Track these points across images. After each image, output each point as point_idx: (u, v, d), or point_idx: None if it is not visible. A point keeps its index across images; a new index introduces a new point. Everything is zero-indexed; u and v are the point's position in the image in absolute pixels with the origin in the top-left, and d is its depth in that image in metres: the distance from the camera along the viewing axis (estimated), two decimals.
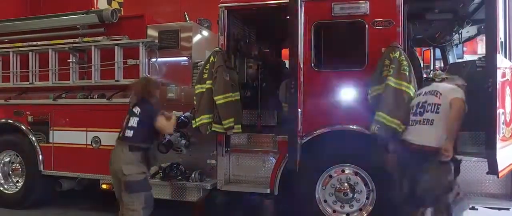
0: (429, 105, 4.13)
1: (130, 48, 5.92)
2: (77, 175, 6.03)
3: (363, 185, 4.83)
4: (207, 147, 5.59)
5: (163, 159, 5.57)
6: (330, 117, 4.83)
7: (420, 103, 4.23)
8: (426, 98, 4.21)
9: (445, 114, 4.00)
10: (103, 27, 6.05)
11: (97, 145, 5.86)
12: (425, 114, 4.14)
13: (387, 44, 4.64)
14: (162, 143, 5.45)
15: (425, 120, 4.13)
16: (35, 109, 6.25)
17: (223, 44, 5.26)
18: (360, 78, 4.75)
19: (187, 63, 5.75)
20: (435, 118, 4.06)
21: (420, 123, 4.15)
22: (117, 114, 5.66)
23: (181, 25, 5.82)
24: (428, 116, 4.11)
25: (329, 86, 4.86)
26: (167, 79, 5.81)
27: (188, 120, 5.50)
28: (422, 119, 4.15)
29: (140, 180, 4.53)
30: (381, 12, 4.75)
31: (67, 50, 6.07)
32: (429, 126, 4.07)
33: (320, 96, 4.87)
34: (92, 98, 5.94)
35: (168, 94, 5.80)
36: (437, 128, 4.02)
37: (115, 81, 5.86)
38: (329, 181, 4.93)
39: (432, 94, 4.18)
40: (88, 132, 5.92)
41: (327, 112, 4.84)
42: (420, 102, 4.24)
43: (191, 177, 5.43)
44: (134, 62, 5.75)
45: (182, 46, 5.75)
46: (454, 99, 3.97)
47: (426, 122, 4.11)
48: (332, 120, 4.82)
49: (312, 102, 4.83)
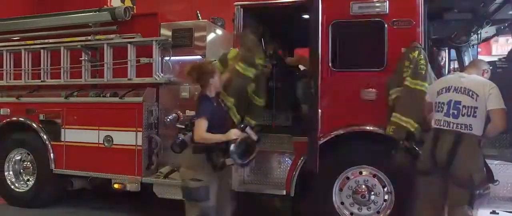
0: (465, 108, 3.78)
1: (143, 47, 5.86)
2: (89, 174, 5.97)
3: (381, 187, 4.76)
4: None
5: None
6: (347, 118, 4.75)
7: (452, 102, 3.87)
8: (460, 98, 3.84)
9: (481, 118, 3.74)
10: (115, 25, 6.00)
11: (109, 144, 5.79)
12: (461, 118, 3.79)
13: (407, 44, 4.56)
14: (175, 143, 5.36)
15: (462, 125, 3.78)
16: (47, 107, 6.19)
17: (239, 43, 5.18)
18: (378, 79, 4.67)
19: None
20: (472, 123, 3.75)
21: (456, 127, 3.80)
22: (130, 113, 5.68)
23: (195, 24, 5.75)
24: (464, 121, 3.77)
25: (347, 86, 4.78)
26: (180, 78, 5.75)
27: None
28: (457, 123, 3.80)
29: (194, 188, 3.99)
30: (401, 11, 4.66)
31: (79, 48, 6.01)
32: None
33: (338, 96, 4.80)
34: (104, 97, 5.87)
35: (182, 93, 5.73)
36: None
37: (127, 79, 5.80)
38: (346, 183, 4.85)
39: (466, 94, 3.82)
40: (100, 130, 5.85)
41: (345, 113, 4.77)
42: (453, 101, 3.87)
43: None
44: (147, 61, 5.68)
45: (196, 45, 5.68)
46: (496, 111, 3.69)
47: (464, 127, 3.77)
48: (349, 121, 4.75)
49: (329, 103, 4.74)
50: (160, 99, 5.87)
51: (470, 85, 3.84)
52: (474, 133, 3.75)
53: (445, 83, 4.04)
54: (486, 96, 3.74)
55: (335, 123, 4.75)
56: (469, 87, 3.83)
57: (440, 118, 3.93)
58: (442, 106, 3.94)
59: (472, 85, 3.84)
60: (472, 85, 3.84)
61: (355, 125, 4.73)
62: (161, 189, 5.54)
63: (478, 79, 3.93)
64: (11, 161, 6.52)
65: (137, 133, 5.64)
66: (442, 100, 3.95)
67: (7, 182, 6.46)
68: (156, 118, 5.79)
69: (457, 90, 3.90)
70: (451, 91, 3.93)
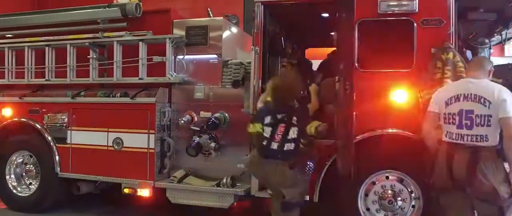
0: (478, 117, 3.48)
1: (154, 45, 5.60)
2: (97, 178, 5.69)
3: (408, 192, 4.59)
4: (238, 151, 5.31)
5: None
6: (374, 121, 4.57)
7: (463, 112, 3.56)
8: (471, 106, 3.54)
9: (495, 126, 3.46)
10: (125, 21, 5.72)
11: (119, 147, 5.52)
12: (475, 128, 3.49)
13: (436, 45, 4.41)
14: (191, 146, 5.19)
15: (477, 136, 3.50)
16: (52, 108, 5.89)
17: (259, 42, 4.97)
18: (407, 80, 4.50)
19: (217, 61, 5.44)
20: (487, 133, 3.47)
21: (472, 140, 3.51)
22: (142, 114, 5.43)
23: (210, 21, 5.52)
24: (479, 131, 3.48)
25: (374, 87, 4.60)
26: (195, 78, 5.51)
27: (219, 122, 5.22)
28: (472, 135, 3.51)
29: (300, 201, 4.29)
30: (431, 10, 4.49)
31: (87, 46, 5.72)
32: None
33: (364, 98, 4.59)
34: (114, 97, 5.60)
35: (196, 94, 5.51)
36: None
37: (138, 79, 5.53)
38: (372, 188, 4.68)
39: (478, 101, 3.52)
40: (109, 132, 5.57)
41: (371, 115, 4.58)
42: (464, 110, 3.56)
43: (222, 182, 5.14)
44: (160, 59, 5.42)
45: (211, 44, 5.45)
46: (508, 120, 3.40)
47: (479, 139, 3.48)
48: (376, 124, 4.57)
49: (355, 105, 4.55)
50: (172, 100, 5.63)
51: (481, 91, 3.53)
52: (491, 143, 3.47)
53: (453, 91, 3.71)
54: (498, 102, 3.44)
55: (361, 125, 4.56)
56: (480, 94, 3.52)
57: (452, 131, 3.61)
58: (453, 117, 3.61)
59: (483, 91, 3.53)
60: (483, 91, 3.53)
61: (381, 128, 4.56)
62: (175, 194, 5.29)
63: (489, 84, 3.62)
64: (12, 164, 6.19)
65: (149, 135, 5.38)
66: (452, 111, 3.63)
67: (9, 186, 6.14)
68: (169, 120, 5.54)
69: (467, 98, 3.58)
70: (461, 100, 3.61)
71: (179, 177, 5.34)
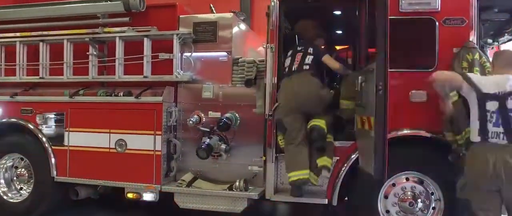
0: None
1: (159, 41, 5.33)
2: (98, 183, 5.34)
3: (429, 194, 4.51)
4: (249, 152, 5.12)
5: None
6: (395, 121, 4.45)
7: (504, 110, 3.45)
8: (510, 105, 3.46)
9: None
10: (128, 16, 5.41)
11: (123, 149, 5.21)
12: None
13: (459, 44, 4.36)
14: (201, 148, 4.94)
15: None
16: (47, 107, 5.50)
17: (275, 39, 4.78)
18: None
19: (226, 59, 5.23)
20: None
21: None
22: (147, 114, 5.16)
23: (219, 17, 5.27)
24: None
25: (395, 87, 4.48)
26: (203, 76, 5.28)
27: (230, 122, 5.00)
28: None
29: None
30: (453, 9, 4.43)
31: (86, 42, 5.38)
32: None
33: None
34: (117, 96, 5.28)
35: (204, 93, 5.27)
36: None
37: (143, 77, 5.23)
38: (391, 190, 4.58)
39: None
40: (112, 134, 5.25)
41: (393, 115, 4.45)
42: (504, 109, 3.45)
43: (234, 185, 4.92)
44: (167, 56, 5.15)
45: (220, 40, 5.22)
46: None
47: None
48: (397, 124, 4.45)
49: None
50: (179, 99, 5.37)
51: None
52: None
53: (495, 87, 3.56)
54: None
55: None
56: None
57: (489, 128, 3.50)
58: (491, 115, 3.50)
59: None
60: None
61: (402, 129, 4.47)
62: (184, 198, 5.03)
63: None
64: (2, 168, 5.76)
65: (155, 137, 5.10)
66: (491, 108, 3.50)
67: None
68: (175, 120, 5.28)
69: (506, 96, 3.48)
70: (500, 97, 3.49)
71: (187, 181, 5.09)
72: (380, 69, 3.68)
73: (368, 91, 4.05)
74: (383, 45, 3.68)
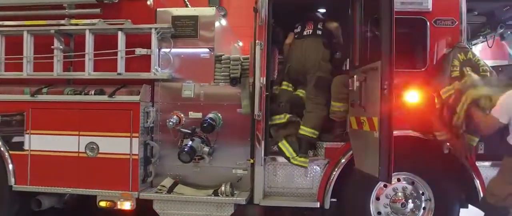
0: None
1: (134, 36, 4.91)
2: (65, 191, 4.82)
3: (420, 194, 4.50)
4: (233, 155, 4.85)
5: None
6: None
7: None
8: None
9: None
10: (99, 7, 4.94)
11: (94, 153, 4.73)
12: None
13: (448, 44, 4.41)
14: (184, 151, 4.58)
15: None
16: (4, 107, 4.88)
17: (264, 36, 4.55)
18: (420, 80, 4.41)
19: (208, 56, 4.92)
20: None
21: None
22: (123, 114, 4.75)
23: (200, 11, 4.94)
24: None
25: None
26: (183, 74, 4.93)
27: (215, 123, 4.70)
28: None
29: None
30: (444, 9, 4.47)
31: (52, 34, 4.84)
32: None
33: None
34: (87, 95, 4.79)
35: (184, 92, 4.92)
36: None
37: (117, 74, 4.79)
38: (383, 191, 4.52)
39: None
40: (81, 136, 4.76)
41: None
42: None
43: (220, 190, 4.63)
44: (144, 52, 4.74)
45: (202, 36, 4.89)
46: None
47: None
48: None
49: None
50: (155, 99, 4.98)
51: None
52: None
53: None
54: None
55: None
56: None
57: None
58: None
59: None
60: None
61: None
62: (164, 205, 4.65)
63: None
64: None
65: (132, 139, 4.69)
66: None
67: None
68: (153, 121, 4.88)
69: None
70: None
71: (168, 187, 4.72)
72: (385, 68, 3.57)
73: (369, 91, 3.93)
74: (389, 44, 3.57)
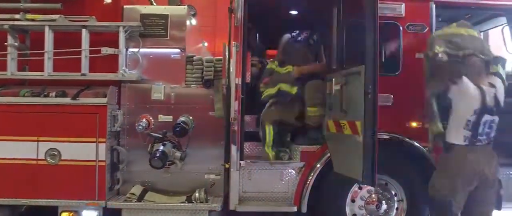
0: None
1: (99, 34, 4.60)
2: (21, 202, 4.40)
3: (393, 195, 4.60)
4: (205, 160, 4.69)
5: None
6: None
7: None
8: None
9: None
10: (59, 2, 4.56)
11: (56, 160, 4.36)
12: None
13: (419, 50, 4.50)
14: (156, 156, 4.35)
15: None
16: None
17: (240, 37, 4.42)
18: (393, 84, 4.49)
19: (179, 57, 4.72)
20: None
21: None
22: (87, 118, 4.44)
23: (171, 10, 4.72)
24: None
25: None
26: (152, 76, 4.69)
27: (188, 127, 4.51)
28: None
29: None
30: (416, 15, 4.59)
31: (5, 29, 4.40)
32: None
33: None
34: (47, 97, 4.40)
35: (154, 94, 4.70)
36: None
37: (80, 75, 4.45)
38: (358, 193, 4.56)
39: None
40: (41, 142, 4.37)
41: None
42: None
43: (193, 196, 4.45)
44: (112, 51, 4.45)
45: (172, 35, 4.68)
46: None
47: None
48: None
49: None
50: (122, 101, 4.69)
51: None
52: None
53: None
54: None
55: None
56: None
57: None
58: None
59: None
60: None
61: None
62: (135, 214, 4.39)
63: None
64: None
65: (98, 145, 4.37)
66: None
67: None
68: (120, 125, 4.59)
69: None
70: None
71: (138, 194, 4.46)
72: (370, 72, 3.58)
73: (351, 95, 3.93)
74: (373, 48, 3.59)
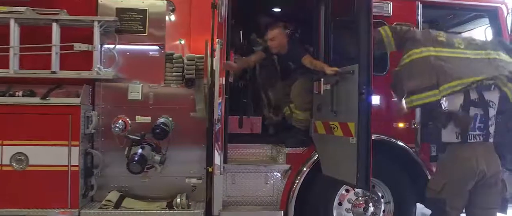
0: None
1: (71, 29, 4.27)
2: None
3: (380, 197, 4.51)
4: (185, 163, 4.46)
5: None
6: None
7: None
8: None
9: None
10: None
11: (23, 166, 4.00)
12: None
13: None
14: (134, 161, 4.07)
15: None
16: None
17: (223, 34, 4.20)
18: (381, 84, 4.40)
19: (158, 54, 4.46)
20: None
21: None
22: (58, 120, 4.10)
23: (150, 4, 4.46)
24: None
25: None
26: (129, 74, 4.41)
27: (168, 129, 4.25)
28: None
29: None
30: (402, 15, 4.53)
31: None
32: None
33: None
34: (13, 96, 4.04)
35: (131, 94, 4.42)
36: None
37: (50, 72, 4.11)
38: (346, 196, 4.45)
39: None
40: (5, 146, 4.00)
41: None
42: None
43: (174, 202, 4.20)
44: (86, 48, 4.14)
45: (150, 32, 4.42)
46: None
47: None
48: None
49: None
50: (96, 101, 4.39)
51: None
52: None
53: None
54: None
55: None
56: None
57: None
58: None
59: None
60: None
61: None
62: None
63: None
64: None
65: (71, 148, 4.05)
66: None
67: None
68: (95, 127, 4.28)
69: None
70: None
71: (115, 201, 4.16)
72: (364, 72, 3.47)
73: (343, 95, 3.80)
74: (367, 47, 3.48)
